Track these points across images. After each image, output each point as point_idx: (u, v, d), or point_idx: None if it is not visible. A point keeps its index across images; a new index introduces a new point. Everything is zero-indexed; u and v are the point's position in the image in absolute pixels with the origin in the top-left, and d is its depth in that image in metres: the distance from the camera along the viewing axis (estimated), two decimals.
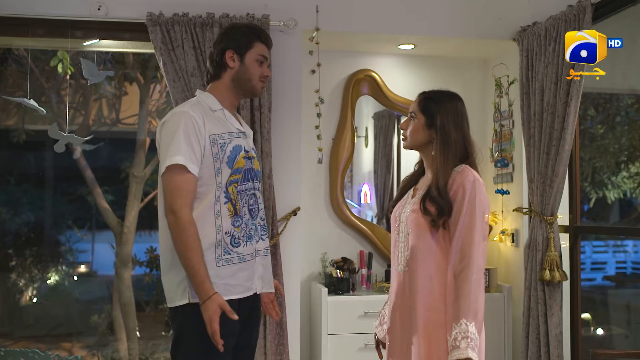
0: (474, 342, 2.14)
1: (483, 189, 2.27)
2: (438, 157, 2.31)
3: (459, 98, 2.42)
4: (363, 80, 4.43)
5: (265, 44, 2.58)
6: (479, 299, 2.18)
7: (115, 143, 8.23)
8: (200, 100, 2.51)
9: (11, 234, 8.98)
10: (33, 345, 6.98)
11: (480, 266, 2.21)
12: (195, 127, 2.37)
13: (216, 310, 2.27)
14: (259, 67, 2.55)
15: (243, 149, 2.50)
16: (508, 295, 4.07)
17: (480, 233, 2.21)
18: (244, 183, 2.49)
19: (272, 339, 3.60)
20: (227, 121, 2.50)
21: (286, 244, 3.73)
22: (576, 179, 3.92)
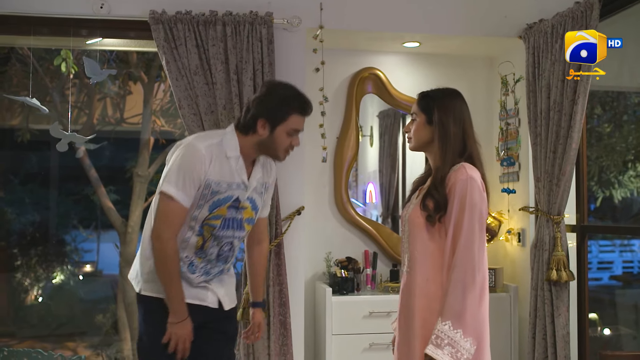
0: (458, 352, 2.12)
1: (477, 188, 2.22)
2: (437, 151, 2.32)
3: (458, 94, 2.42)
4: (367, 79, 4.39)
5: (303, 115, 2.51)
6: (461, 301, 2.14)
7: (119, 142, 8.23)
8: (223, 141, 2.49)
9: (16, 233, 8.99)
10: (37, 344, 6.99)
11: (470, 266, 2.16)
12: (198, 167, 2.39)
13: (190, 332, 2.44)
14: (288, 138, 2.51)
15: (233, 199, 2.51)
16: (514, 295, 4.03)
17: (472, 233, 2.18)
18: (222, 230, 2.53)
19: (275, 339, 3.57)
20: (235, 172, 2.49)
21: (290, 243, 3.70)
22: (583, 178, 3.88)
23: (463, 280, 2.15)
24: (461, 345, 2.13)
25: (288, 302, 3.62)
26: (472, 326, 2.14)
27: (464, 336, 2.13)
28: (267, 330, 3.57)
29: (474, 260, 2.16)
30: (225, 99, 3.54)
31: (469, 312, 2.14)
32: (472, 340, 2.14)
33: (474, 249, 2.17)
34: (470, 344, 2.14)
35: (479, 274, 2.17)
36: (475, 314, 2.16)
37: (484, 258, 2.21)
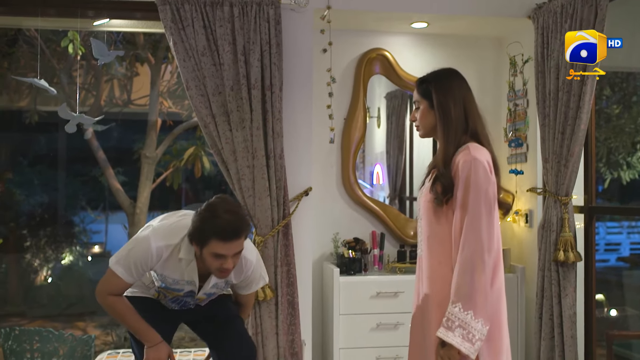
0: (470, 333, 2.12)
1: (482, 168, 2.19)
2: (439, 134, 2.31)
3: (455, 73, 2.39)
4: (375, 60, 4.38)
5: (224, 241, 2.41)
6: (471, 283, 2.13)
7: (126, 124, 8.25)
8: (181, 244, 2.55)
9: (25, 214, 9.05)
10: (48, 324, 7.06)
11: (478, 247, 2.14)
12: (143, 261, 2.54)
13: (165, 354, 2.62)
14: (216, 260, 2.47)
15: (183, 291, 2.69)
16: (521, 276, 4.05)
17: (478, 214, 2.15)
18: (174, 303, 2.80)
19: (284, 319, 3.60)
20: (185, 272, 2.59)
21: (298, 224, 3.71)
22: (592, 159, 3.87)
23: (471, 261, 2.13)
24: (472, 326, 2.12)
25: (296, 282, 3.64)
26: (483, 307, 2.13)
27: (475, 317, 2.12)
28: (275, 310, 3.60)
29: (482, 241, 2.14)
30: (232, 80, 3.54)
31: (478, 293, 2.13)
32: (483, 321, 2.13)
33: (481, 230, 2.14)
34: (481, 324, 2.13)
35: (488, 255, 2.15)
36: (486, 295, 2.14)
37: (493, 239, 2.18)
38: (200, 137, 7.42)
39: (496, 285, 2.22)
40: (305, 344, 3.69)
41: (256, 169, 3.55)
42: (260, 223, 3.57)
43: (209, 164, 7.58)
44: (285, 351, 3.61)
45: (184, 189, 9.37)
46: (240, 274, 2.73)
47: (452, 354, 2.15)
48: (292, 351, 3.63)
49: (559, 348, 3.62)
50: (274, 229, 3.58)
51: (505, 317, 2.29)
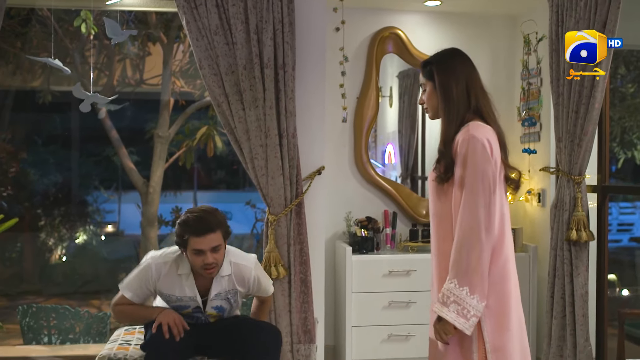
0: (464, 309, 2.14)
1: (479, 146, 2.18)
2: (441, 114, 2.32)
3: (457, 52, 2.39)
4: (388, 38, 4.36)
5: (199, 235, 2.71)
6: (466, 260, 2.14)
7: (139, 104, 8.28)
8: (177, 259, 2.87)
9: (39, 194, 9.14)
10: (63, 302, 7.15)
11: (475, 225, 2.14)
12: (145, 282, 2.85)
13: (177, 315, 2.83)
14: (198, 257, 2.75)
15: (190, 308, 2.92)
16: (533, 255, 4.05)
17: (475, 192, 2.15)
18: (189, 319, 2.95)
19: (297, 297, 3.64)
20: (185, 287, 2.86)
21: (310, 203, 3.73)
22: (605, 138, 3.85)
23: (468, 238, 2.14)
24: (467, 302, 2.14)
25: (309, 261, 3.66)
26: (478, 283, 2.14)
27: (471, 294, 2.14)
28: (288, 288, 3.63)
29: (478, 219, 2.14)
30: (245, 59, 3.54)
31: (474, 269, 2.14)
32: (479, 298, 2.14)
33: (477, 208, 2.15)
34: (477, 301, 2.14)
35: (486, 233, 2.15)
36: (482, 272, 2.15)
37: (492, 217, 2.17)
38: (212, 116, 7.44)
39: (500, 263, 2.22)
40: (318, 322, 3.72)
41: (269, 148, 3.56)
42: (274, 202, 3.59)
43: (221, 143, 7.60)
44: (298, 329, 3.65)
45: (196, 168, 9.43)
46: (243, 280, 2.97)
47: (447, 328, 2.18)
48: (305, 329, 3.66)
49: (570, 327, 3.63)
50: (286, 207, 3.60)
51: (514, 295, 2.29)
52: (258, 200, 8.24)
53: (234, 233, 9.00)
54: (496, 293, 2.21)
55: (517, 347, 2.26)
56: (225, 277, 2.90)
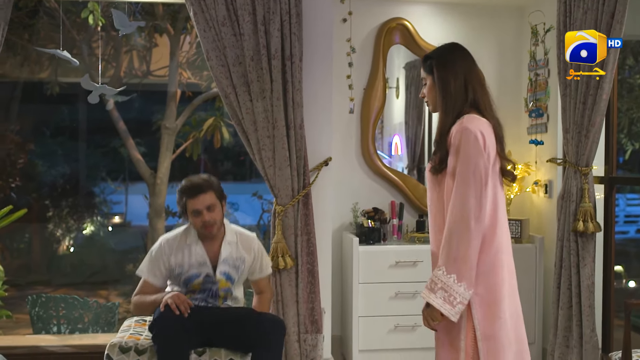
0: (450, 296, 2.19)
1: (472, 139, 2.22)
2: (439, 106, 2.38)
3: (456, 47, 2.43)
4: (395, 29, 4.35)
5: (193, 197, 3.05)
6: (454, 248, 2.20)
7: (146, 95, 8.29)
8: (186, 231, 3.16)
9: (47, 185, 9.18)
10: (72, 292, 7.21)
11: (465, 215, 2.19)
12: (159, 257, 3.12)
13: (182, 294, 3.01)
14: (197, 218, 3.07)
15: (203, 275, 3.10)
16: (540, 246, 4.06)
17: (466, 183, 2.21)
18: (200, 294, 3.12)
19: (304, 287, 3.66)
20: (194, 254, 3.11)
21: (317, 194, 3.75)
22: (613, 129, 3.85)
23: (458, 227, 2.19)
24: (454, 289, 2.19)
25: (316, 251, 3.68)
26: (466, 271, 2.19)
27: (458, 281, 2.19)
28: (295, 278, 3.66)
29: (468, 209, 2.19)
30: (253, 50, 3.55)
31: (462, 258, 2.19)
32: (466, 285, 2.19)
33: (468, 198, 2.20)
34: (464, 288, 2.19)
35: (475, 222, 2.20)
36: (470, 260, 2.20)
37: (482, 207, 2.22)
38: (219, 107, 7.45)
39: (491, 253, 2.26)
40: (325, 312, 3.75)
41: (276, 139, 3.57)
42: (281, 193, 3.61)
43: (228, 134, 7.62)
44: (305, 319, 3.67)
45: (203, 159, 9.46)
46: (249, 247, 3.21)
47: (434, 314, 2.24)
48: (312, 319, 3.69)
49: (577, 317, 3.64)
50: (294, 198, 3.62)
51: (508, 284, 2.31)
52: (264, 191, 8.26)
53: (241, 224, 9.05)
54: (487, 282, 2.25)
55: (511, 336, 2.28)
56: (233, 243, 3.16)
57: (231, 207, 9.18)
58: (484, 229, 2.23)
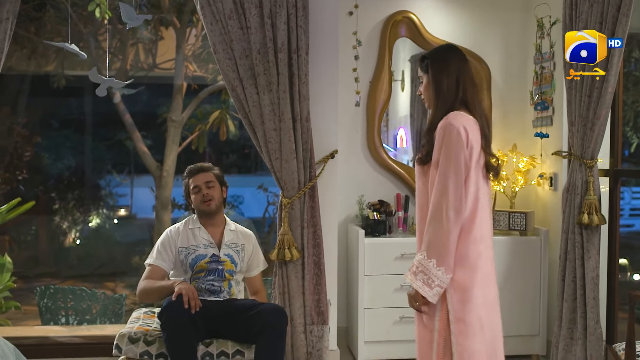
0: (429, 279, 2.37)
1: (454, 133, 2.38)
2: (432, 103, 2.56)
3: (451, 49, 2.61)
4: (401, 22, 4.36)
5: (192, 176, 3.38)
6: (434, 235, 2.37)
7: (151, 88, 8.31)
8: (188, 219, 3.41)
9: (54, 178, 9.22)
10: (79, 284, 7.26)
11: (444, 204, 2.36)
12: (166, 242, 3.33)
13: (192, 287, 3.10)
14: (196, 195, 3.36)
15: (209, 255, 3.30)
16: (545, 239, 4.08)
17: (446, 175, 2.37)
18: (206, 277, 3.29)
19: (310, 279, 3.69)
20: (197, 236, 3.34)
21: (324, 186, 3.77)
22: (618, 122, 3.86)
23: (439, 217, 2.36)
24: (433, 273, 2.37)
25: (322, 243, 3.71)
26: (445, 257, 2.36)
27: (437, 266, 2.36)
28: (301, 270, 3.68)
29: (448, 198, 2.36)
30: (259, 43, 3.57)
31: (442, 244, 2.36)
32: (444, 270, 2.37)
33: (447, 189, 2.36)
34: (442, 273, 2.37)
35: (455, 212, 2.36)
36: (449, 247, 2.36)
37: (461, 198, 2.37)
38: (225, 100, 7.47)
39: (468, 242, 2.41)
40: (331, 304, 3.77)
41: (283, 132, 3.59)
42: (287, 185, 3.63)
43: (234, 127, 7.64)
44: (311, 310, 3.70)
45: (207, 152, 9.48)
46: (248, 237, 3.45)
47: (414, 295, 2.44)
48: (318, 310, 3.72)
49: (581, 309, 3.66)
50: (300, 191, 3.64)
51: (483, 273, 2.45)
52: (270, 184, 8.28)
53: (246, 217, 9.07)
54: (463, 269, 2.41)
55: (483, 322, 2.44)
56: (234, 231, 3.41)
57: (236, 200, 9.21)
58: (463, 219, 2.40)
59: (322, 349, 3.71)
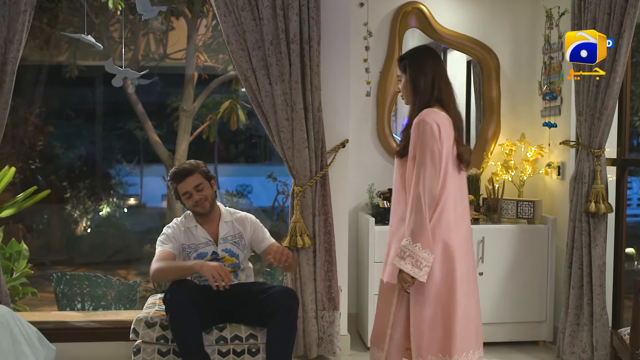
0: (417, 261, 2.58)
1: (428, 129, 2.61)
2: (410, 101, 2.79)
3: (428, 50, 2.86)
4: (411, 13, 4.40)
5: (180, 182, 3.28)
6: (416, 221, 2.59)
7: (161, 78, 8.37)
8: (184, 217, 3.38)
9: (65, 167, 9.31)
10: (92, 271, 7.37)
11: (421, 193, 2.59)
12: (172, 234, 3.32)
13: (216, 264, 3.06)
14: (188, 200, 3.30)
15: (209, 254, 3.30)
16: (552, 227, 4.13)
17: (423, 167, 2.61)
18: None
19: (321, 265, 3.76)
20: (197, 236, 3.32)
21: (335, 175, 3.83)
22: (626, 112, 3.89)
23: (419, 205, 2.60)
24: (420, 255, 2.59)
25: (333, 231, 3.78)
26: (427, 240, 2.59)
27: (422, 248, 2.59)
28: (313, 257, 3.76)
29: (424, 188, 2.60)
30: (272, 34, 3.62)
31: (424, 228, 2.59)
32: (429, 251, 2.59)
33: (423, 180, 2.60)
34: (427, 254, 2.59)
35: (430, 198, 2.60)
36: (428, 231, 2.59)
37: (436, 185, 2.61)
38: (235, 90, 7.53)
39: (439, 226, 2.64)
40: (341, 290, 3.85)
41: (295, 122, 3.66)
42: (299, 174, 3.70)
43: (244, 116, 7.70)
44: (322, 296, 3.78)
45: (216, 142, 9.55)
46: (243, 222, 3.39)
47: (405, 277, 2.63)
48: (329, 296, 3.80)
49: (588, 296, 3.72)
50: (312, 179, 3.71)
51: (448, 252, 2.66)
52: (279, 173, 8.35)
53: (255, 206, 9.14)
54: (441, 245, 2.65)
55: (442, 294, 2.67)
56: (229, 222, 3.36)
57: (245, 189, 9.29)
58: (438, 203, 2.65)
59: (333, 334, 3.79)
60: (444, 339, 2.67)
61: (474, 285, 2.79)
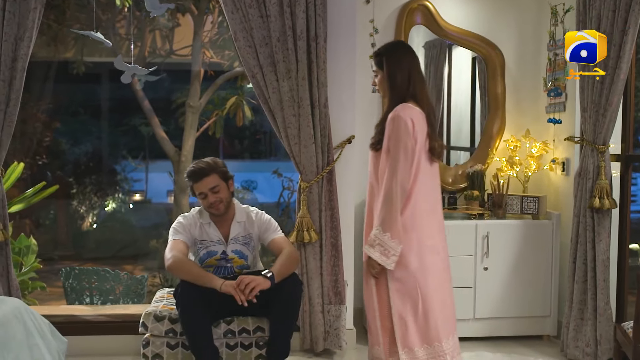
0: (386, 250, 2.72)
1: (402, 124, 2.73)
2: (387, 96, 2.90)
3: (403, 46, 3.01)
4: (416, 10, 4.43)
5: (196, 181, 3.24)
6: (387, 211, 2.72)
7: (168, 74, 8.41)
8: (199, 212, 3.35)
9: (71, 163, 9.36)
10: (99, 266, 7.41)
11: (394, 185, 2.71)
12: (187, 225, 3.30)
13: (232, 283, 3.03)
14: (203, 200, 3.26)
15: (219, 253, 3.30)
16: (557, 222, 4.16)
17: (396, 160, 2.73)
18: (215, 273, 3.25)
19: (327, 260, 3.80)
20: (209, 233, 3.30)
21: (341, 170, 3.87)
22: (630, 109, 3.91)
23: (390, 196, 2.73)
24: (388, 244, 2.73)
25: (339, 226, 3.82)
26: (397, 230, 2.72)
27: (392, 238, 2.73)
28: (319, 252, 3.80)
29: (397, 181, 2.72)
30: (279, 31, 3.65)
31: (394, 219, 2.72)
32: (397, 241, 2.73)
33: (397, 172, 2.72)
34: (396, 243, 2.73)
35: (402, 190, 2.73)
36: (398, 222, 2.72)
37: (408, 178, 2.74)
38: (241, 86, 7.56)
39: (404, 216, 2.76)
40: (347, 284, 3.89)
41: (302, 118, 3.69)
42: (306, 169, 3.74)
43: (250, 113, 7.74)
44: (329, 290, 3.82)
45: (222, 138, 9.59)
46: (251, 220, 3.35)
47: (373, 264, 2.80)
48: (335, 291, 3.83)
49: (592, 291, 3.75)
50: (318, 175, 3.75)
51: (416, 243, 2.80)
52: (284, 169, 8.39)
53: (260, 202, 9.18)
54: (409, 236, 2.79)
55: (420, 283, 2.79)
56: (242, 222, 3.34)
57: (250, 185, 9.33)
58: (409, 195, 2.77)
59: (339, 328, 3.83)
60: (427, 328, 2.80)
61: (448, 273, 2.93)
